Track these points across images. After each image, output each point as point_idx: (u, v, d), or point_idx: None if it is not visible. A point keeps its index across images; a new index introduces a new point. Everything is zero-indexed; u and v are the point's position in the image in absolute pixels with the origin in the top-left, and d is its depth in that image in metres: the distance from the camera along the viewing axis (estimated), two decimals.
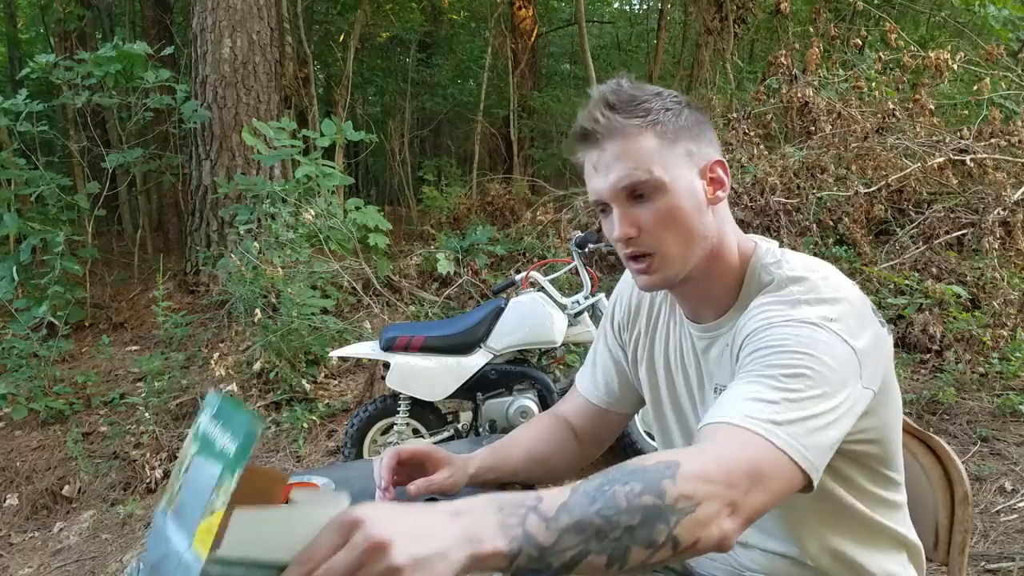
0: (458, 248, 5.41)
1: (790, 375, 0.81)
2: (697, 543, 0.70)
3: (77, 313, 5.09)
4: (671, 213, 0.93)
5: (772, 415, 0.78)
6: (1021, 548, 2.38)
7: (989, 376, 3.58)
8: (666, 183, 0.93)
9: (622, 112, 0.93)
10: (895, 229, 4.63)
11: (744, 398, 0.80)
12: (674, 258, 0.95)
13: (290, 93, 7.09)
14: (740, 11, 6.95)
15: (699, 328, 1.05)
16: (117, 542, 3.10)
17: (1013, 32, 6.14)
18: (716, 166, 0.98)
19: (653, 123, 0.93)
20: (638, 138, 0.93)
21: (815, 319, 0.86)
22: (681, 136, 0.95)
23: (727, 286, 1.00)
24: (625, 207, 0.95)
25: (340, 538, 0.60)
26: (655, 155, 0.93)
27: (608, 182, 0.94)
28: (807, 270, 0.94)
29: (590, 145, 0.96)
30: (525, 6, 9.31)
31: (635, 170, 0.92)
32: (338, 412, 3.94)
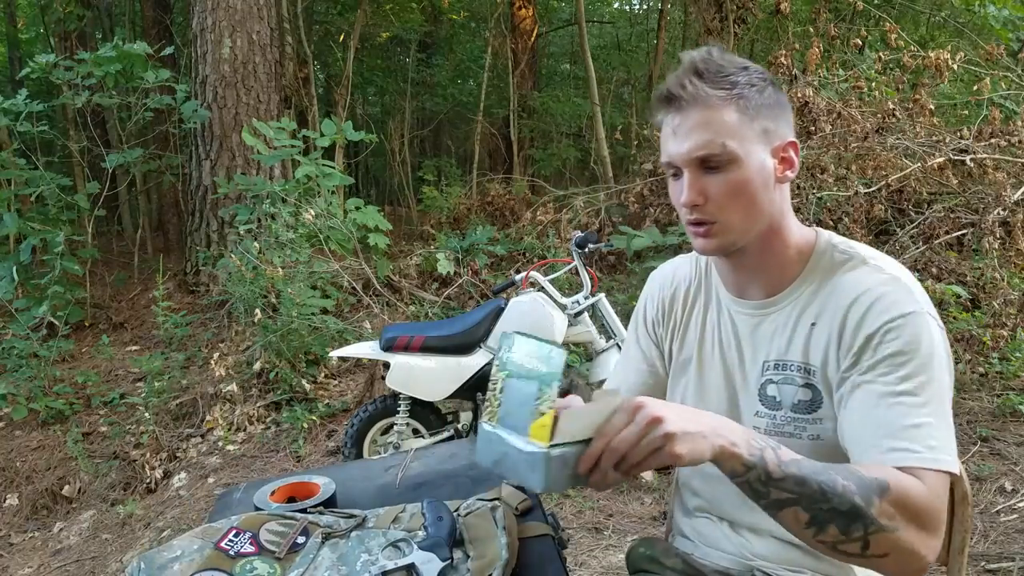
0: (458, 248, 5.41)
1: (920, 386, 0.90)
2: (887, 557, 0.83)
3: (77, 313, 5.09)
4: (739, 186, 0.97)
5: (926, 440, 0.88)
6: (1021, 548, 2.38)
7: (989, 376, 3.58)
8: (740, 157, 0.96)
9: (709, 82, 0.96)
10: (895, 229, 4.63)
11: (893, 429, 0.89)
12: (734, 229, 0.99)
13: (290, 93, 7.09)
14: (740, 11, 6.95)
15: (748, 305, 1.08)
16: (117, 542, 3.10)
17: (1013, 32, 6.14)
18: (789, 147, 1.01)
19: (737, 97, 0.96)
20: (720, 110, 0.95)
21: (925, 308, 0.94)
22: (761, 113, 0.97)
23: (784, 263, 1.04)
24: (696, 175, 0.98)
25: (628, 417, 0.81)
26: (734, 129, 0.95)
27: (684, 148, 0.97)
28: (878, 254, 1.03)
29: (672, 109, 0.98)
30: (525, 6, 9.32)
31: (712, 141, 0.95)
32: (338, 412, 3.94)
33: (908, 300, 0.94)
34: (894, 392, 0.90)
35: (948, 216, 4.53)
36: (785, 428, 1.03)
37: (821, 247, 1.04)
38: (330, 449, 3.61)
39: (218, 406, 3.95)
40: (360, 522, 1.09)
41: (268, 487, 1.21)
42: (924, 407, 0.89)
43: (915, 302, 0.94)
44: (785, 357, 1.03)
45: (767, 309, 1.06)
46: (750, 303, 1.08)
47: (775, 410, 1.04)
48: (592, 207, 5.81)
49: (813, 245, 1.05)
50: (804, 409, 1.02)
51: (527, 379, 0.87)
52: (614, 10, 12.69)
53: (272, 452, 3.64)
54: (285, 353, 4.09)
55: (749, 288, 1.08)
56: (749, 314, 1.08)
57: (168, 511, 3.23)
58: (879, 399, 0.91)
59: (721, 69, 0.97)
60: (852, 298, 0.97)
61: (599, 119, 7.49)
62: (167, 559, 0.98)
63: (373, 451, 3.08)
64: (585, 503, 2.91)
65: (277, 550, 1.00)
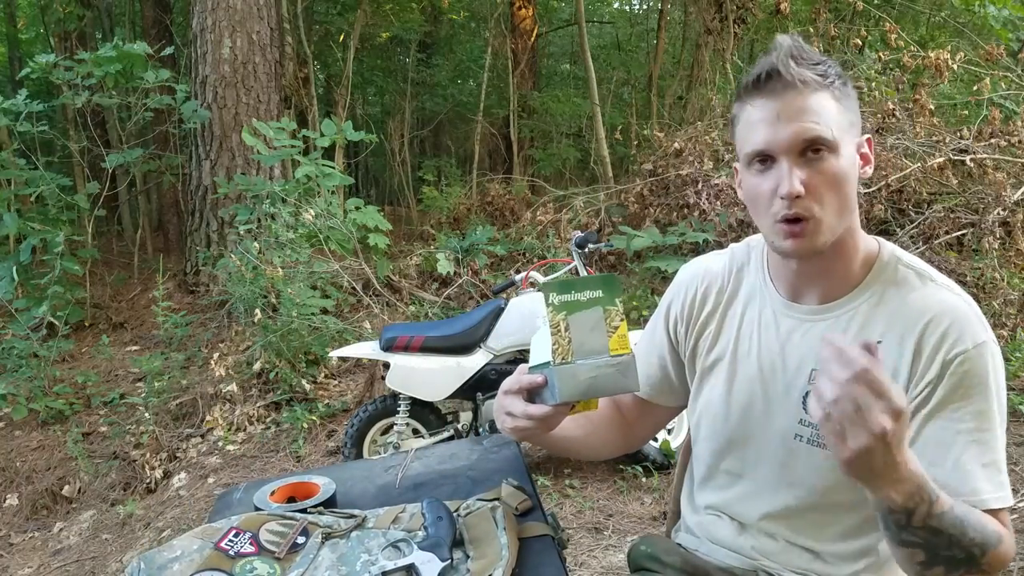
0: (458, 248, 5.41)
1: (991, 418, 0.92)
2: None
3: (77, 313, 5.09)
4: (838, 177, 0.93)
5: (998, 476, 0.91)
6: (1021, 548, 2.38)
7: None
8: (839, 146, 0.93)
9: (809, 68, 0.93)
10: (895, 229, 4.63)
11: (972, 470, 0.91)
12: (828, 226, 0.94)
13: (290, 93, 7.09)
14: (740, 11, 6.96)
15: (800, 310, 1.04)
16: (117, 542, 3.10)
17: (1013, 32, 6.14)
18: (866, 142, 0.99)
19: (831, 86, 0.93)
20: (821, 96, 0.93)
21: (991, 337, 0.94)
22: (849, 105, 0.96)
23: (849, 269, 1.01)
24: (798, 163, 0.93)
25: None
26: (834, 116, 0.93)
27: (787, 133, 0.92)
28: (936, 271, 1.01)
29: (765, 94, 0.94)
30: (525, 6, 9.32)
31: (818, 125, 0.91)
32: (338, 412, 3.94)
33: (980, 328, 0.93)
34: (970, 428, 0.91)
35: (948, 216, 4.53)
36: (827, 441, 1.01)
37: (885, 258, 1.01)
38: (330, 449, 3.61)
39: (218, 406, 3.95)
40: (360, 522, 1.09)
41: (268, 487, 1.21)
42: (993, 440, 0.92)
43: (985, 330, 0.94)
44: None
45: (821, 315, 1.02)
46: (803, 307, 1.04)
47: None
48: (592, 207, 5.81)
49: (877, 254, 1.02)
50: None
51: (588, 308, 0.91)
52: (614, 10, 12.69)
53: (272, 452, 3.64)
54: (285, 353, 4.09)
55: (806, 292, 1.04)
56: (800, 319, 1.04)
57: (168, 511, 3.23)
58: (955, 436, 0.91)
59: (815, 57, 0.94)
60: (927, 318, 0.94)
61: (599, 119, 7.49)
62: (167, 559, 0.98)
63: (373, 451, 3.07)
64: (585, 503, 2.91)
65: (277, 550, 1.00)
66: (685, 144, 5.29)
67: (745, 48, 8.29)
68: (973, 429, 0.91)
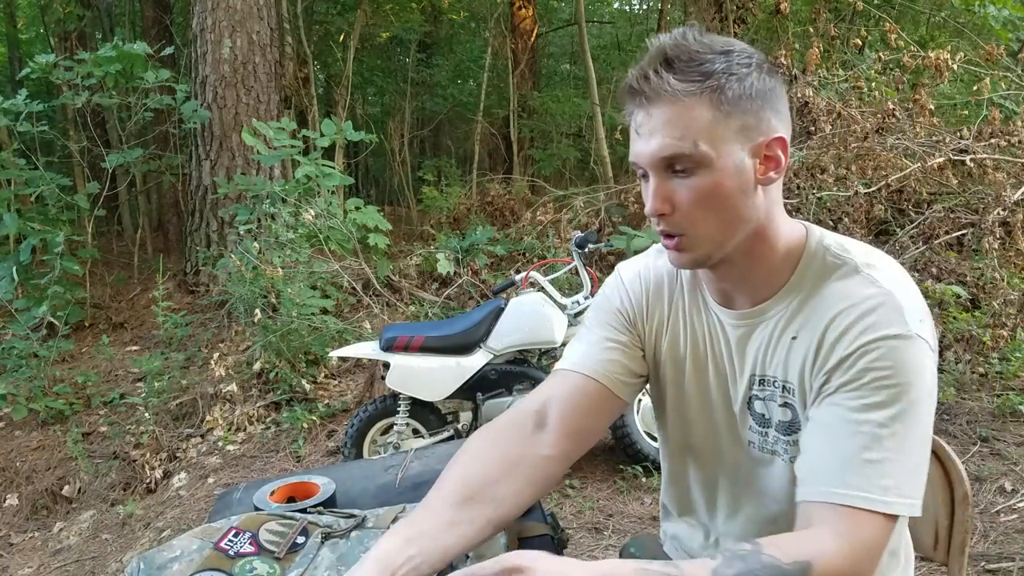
0: (458, 248, 5.41)
1: (892, 417, 0.81)
2: None
3: (77, 313, 5.09)
4: (711, 193, 0.85)
5: (880, 480, 0.80)
6: (1021, 548, 2.38)
7: (989, 376, 3.58)
8: (712, 159, 0.84)
9: (678, 72, 0.83)
10: (895, 229, 4.63)
11: (850, 462, 0.81)
12: (707, 241, 0.89)
13: (290, 93, 7.09)
14: (740, 11, 6.95)
15: (734, 315, 0.98)
16: (117, 542, 3.10)
17: (1013, 32, 6.14)
18: (775, 143, 0.87)
19: (711, 89, 0.83)
20: (690, 105, 0.83)
21: (912, 330, 0.83)
22: (740, 107, 0.84)
23: (772, 270, 0.93)
24: (662, 179, 0.87)
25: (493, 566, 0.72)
26: (705, 127, 0.83)
27: (649, 148, 0.86)
28: (876, 256, 0.91)
29: (635, 103, 0.87)
30: (525, 6, 9.32)
31: (680, 140, 0.84)
32: (338, 412, 3.94)
33: (896, 320, 0.83)
34: (859, 420, 0.82)
35: (948, 216, 4.53)
36: (776, 447, 0.96)
37: (812, 250, 0.93)
38: (330, 449, 3.61)
39: (218, 406, 3.95)
40: (360, 522, 1.09)
41: (268, 487, 1.21)
42: (889, 439, 0.80)
43: (904, 323, 0.83)
44: (767, 372, 0.94)
45: (755, 319, 0.95)
46: (737, 312, 0.97)
47: (765, 427, 0.97)
48: (592, 207, 5.81)
49: (803, 248, 0.93)
50: (785, 430, 0.94)
51: None
52: (614, 10, 12.69)
53: (272, 452, 3.64)
54: (285, 353, 4.09)
55: (735, 297, 0.98)
56: (735, 324, 0.98)
57: (168, 511, 3.23)
58: (842, 424, 0.83)
59: (694, 56, 0.84)
60: (835, 312, 0.87)
61: (599, 119, 7.49)
62: (166, 559, 0.98)
63: (373, 451, 3.08)
64: (585, 503, 2.91)
65: (276, 550, 1.00)
66: None
67: None
68: (866, 421, 0.81)
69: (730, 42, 0.86)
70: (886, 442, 0.80)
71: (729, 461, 1.04)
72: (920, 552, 1.12)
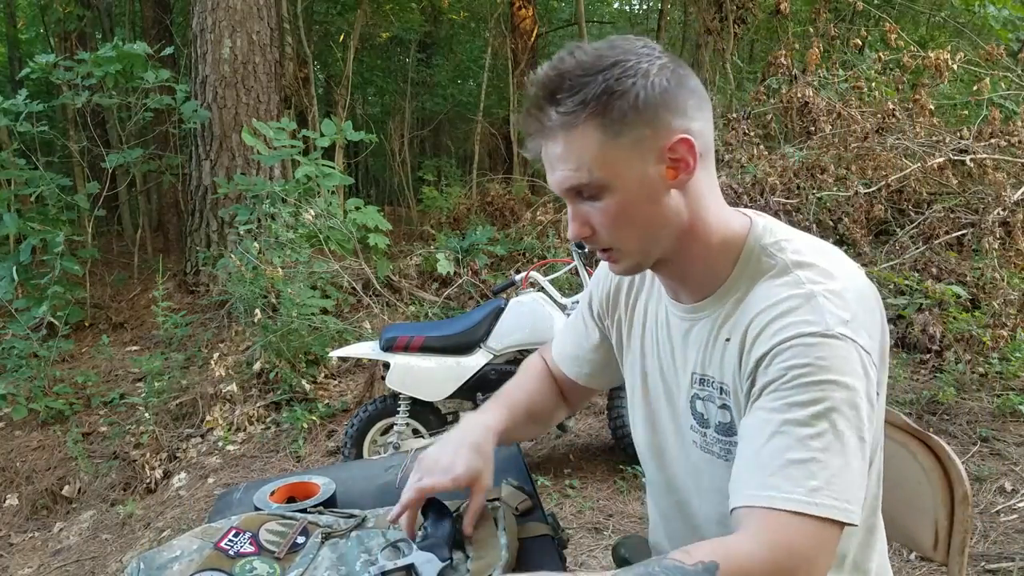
0: (458, 248, 5.41)
1: (814, 415, 0.77)
2: None
3: (77, 313, 5.09)
4: (620, 212, 0.87)
5: (806, 481, 0.75)
6: (1021, 548, 2.38)
7: (989, 376, 3.58)
8: (609, 182, 0.85)
9: (560, 104, 0.83)
10: (895, 229, 4.63)
11: (772, 462, 0.77)
12: (632, 252, 0.91)
13: (290, 93, 7.09)
14: (740, 11, 6.95)
15: (679, 308, 0.99)
16: (117, 542, 3.10)
17: (1013, 32, 6.14)
18: (678, 145, 0.85)
19: (594, 114, 0.82)
20: (579, 134, 0.83)
21: (833, 328, 0.80)
22: (629, 121, 0.83)
23: (710, 266, 0.93)
24: (576, 205, 0.89)
25: None
26: (596, 153, 0.83)
27: (555, 180, 0.88)
28: (815, 253, 0.89)
29: (533, 140, 0.89)
30: (525, 6, 9.31)
31: (576, 171, 0.85)
32: (338, 412, 3.94)
33: (814, 320, 0.80)
34: (781, 420, 0.78)
35: (948, 216, 4.53)
36: (714, 448, 0.95)
37: (749, 248, 0.91)
38: (330, 449, 3.61)
39: (218, 406, 3.95)
40: (360, 522, 1.09)
41: (268, 487, 1.21)
42: (815, 439, 0.76)
43: (823, 322, 0.80)
44: (707, 372, 0.94)
45: (697, 314, 0.96)
46: (682, 306, 0.98)
47: (704, 427, 0.96)
48: None
49: (743, 244, 0.92)
50: (724, 431, 0.93)
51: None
52: (614, 10, 12.70)
53: (272, 452, 3.64)
54: (285, 353, 4.09)
55: (680, 292, 0.99)
56: (681, 318, 0.98)
57: (168, 511, 3.23)
58: (764, 425, 0.79)
59: (574, 83, 0.82)
60: (754, 314, 0.86)
61: None
62: (166, 559, 0.98)
63: (373, 451, 3.07)
64: (585, 503, 2.91)
65: (277, 550, 1.00)
66: None
67: (745, 48, 8.29)
68: (788, 420, 0.78)
69: (614, 54, 0.84)
70: (812, 442, 0.76)
71: (681, 459, 1.03)
72: (920, 552, 1.12)
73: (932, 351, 3.82)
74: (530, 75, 0.87)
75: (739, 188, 4.62)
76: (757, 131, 5.29)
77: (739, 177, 4.72)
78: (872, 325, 0.85)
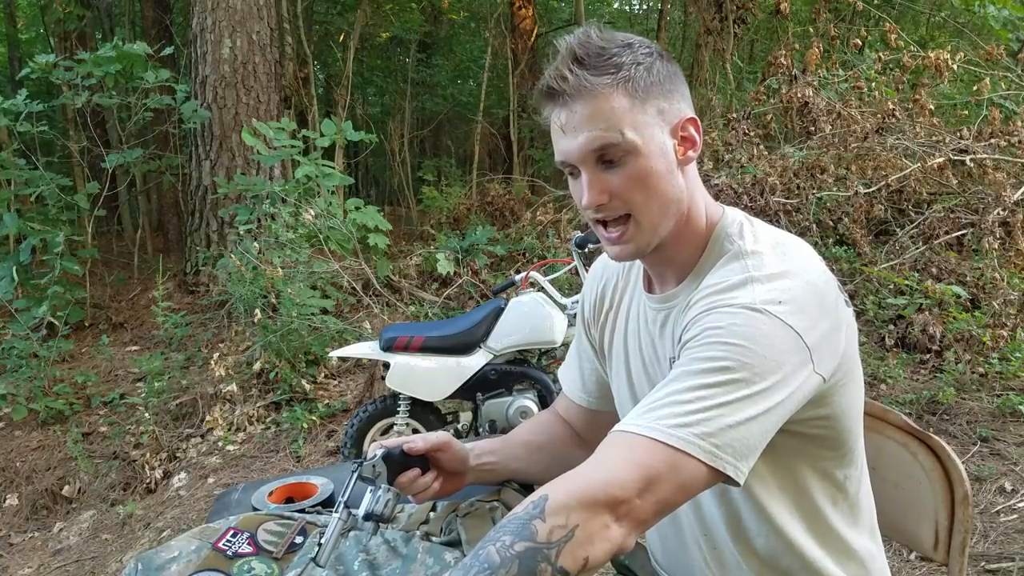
0: (458, 248, 5.41)
1: (713, 369, 0.78)
2: (587, 562, 0.71)
3: (77, 313, 5.09)
4: (644, 177, 0.89)
5: (678, 418, 0.76)
6: (1021, 548, 2.38)
7: (989, 376, 3.58)
8: (638, 145, 0.88)
9: (591, 68, 0.87)
10: (895, 229, 4.63)
11: (659, 403, 0.78)
12: (647, 225, 0.91)
13: (290, 93, 7.09)
14: (740, 11, 6.95)
15: (654, 300, 1.00)
16: (117, 542, 3.10)
17: (1013, 32, 6.14)
18: (688, 124, 0.91)
19: (624, 80, 0.87)
20: (609, 97, 0.87)
21: (758, 303, 0.81)
22: (653, 92, 0.89)
23: (690, 253, 0.96)
24: (595, 171, 0.90)
25: None
26: (626, 115, 0.87)
27: (577, 144, 0.89)
28: (769, 243, 0.91)
29: (558, 104, 0.90)
30: (525, 6, 9.31)
31: (606, 131, 0.87)
32: (338, 412, 3.94)
33: (744, 295, 0.83)
34: (680, 371, 0.80)
35: (948, 216, 4.53)
36: None
37: (715, 235, 0.95)
38: (330, 449, 3.61)
39: (218, 406, 3.95)
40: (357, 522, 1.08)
41: (266, 488, 1.21)
42: (704, 389, 0.77)
43: (751, 299, 0.82)
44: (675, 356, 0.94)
45: (670, 303, 0.97)
46: (656, 297, 1.00)
47: None
48: None
49: (712, 233, 0.95)
50: None
51: None
52: (614, 10, 12.70)
53: (272, 452, 3.64)
54: (285, 353, 4.09)
55: (657, 282, 1.01)
56: (656, 309, 1.00)
57: (168, 511, 3.23)
58: (674, 376, 0.81)
59: (602, 51, 0.88)
60: (702, 294, 0.88)
61: None
62: (165, 560, 0.98)
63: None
64: None
65: (275, 550, 1.00)
66: None
67: (745, 48, 8.29)
68: (684, 373, 0.79)
69: (628, 36, 0.91)
70: (698, 391, 0.77)
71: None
72: (920, 552, 1.12)
73: (932, 351, 3.82)
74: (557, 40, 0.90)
75: (739, 188, 4.62)
76: (757, 131, 5.29)
77: (739, 177, 4.72)
78: (820, 316, 0.84)
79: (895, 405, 3.30)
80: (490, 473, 1.14)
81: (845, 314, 0.89)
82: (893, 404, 3.33)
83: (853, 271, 4.34)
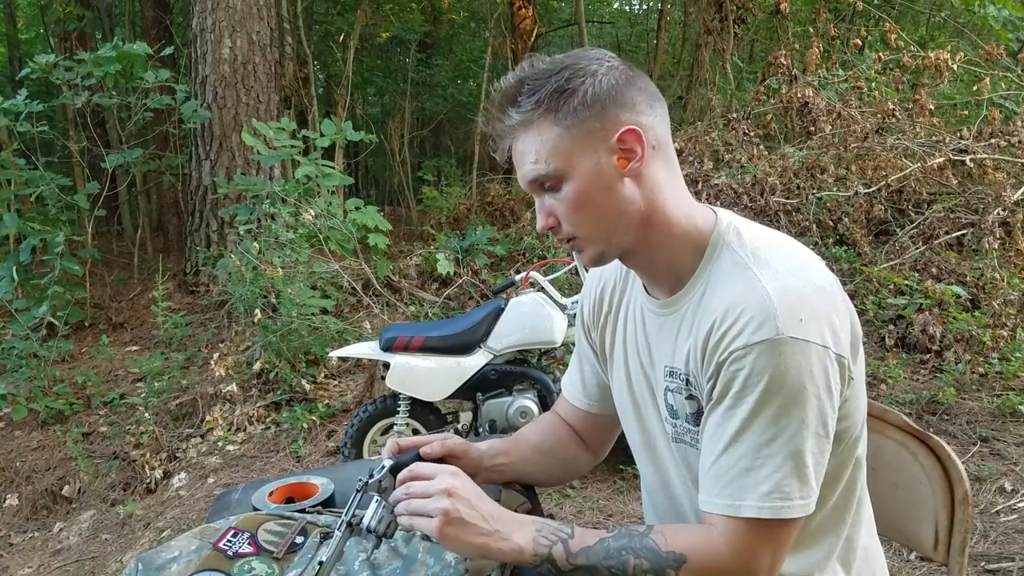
0: (458, 248, 5.40)
1: (768, 421, 0.85)
2: None
3: (77, 313, 5.09)
4: (579, 200, 0.92)
5: (758, 486, 0.85)
6: (1021, 548, 2.38)
7: (989, 376, 3.58)
8: (565, 172, 0.91)
9: (519, 106, 0.92)
10: (895, 229, 4.63)
11: (729, 472, 0.87)
12: (594, 240, 0.95)
13: (290, 93, 7.09)
14: (740, 11, 6.95)
15: (655, 305, 1.02)
16: (117, 542, 3.10)
17: (1013, 32, 6.14)
18: (627, 135, 0.91)
19: (547, 110, 0.91)
20: (536, 130, 0.92)
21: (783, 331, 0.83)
22: (580, 115, 0.90)
23: (675, 258, 0.97)
24: (541, 199, 0.96)
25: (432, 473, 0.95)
26: (552, 145, 0.91)
27: (521, 176, 0.96)
28: (773, 248, 0.93)
29: (502, 143, 0.97)
30: (525, 6, 9.31)
31: (535, 164, 0.93)
32: (338, 412, 3.94)
33: (766, 325, 0.84)
34: (734, 431, 0.86)
35: (948, 216, 4.53)
36: (684, 438, 0.99)
37: (714, 242, 0.95)
38: (330, 449, 3.61)
39: (218, 406, 3.95)
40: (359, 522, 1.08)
41: (267, 488, 1.21)
42: (766, 446, 0.84)
43: (774, 327, 0.83)
44: (674, 364, 0.98)
45: (668, 309, 0.99)
46: (656, 302, 1.02)
47: (675, 419, 1.00)
48: None
49: (708, 237, 0.96)
50: (693, 420, 0.97)
51: None
52: (614, 10, 12.69)
53: (272, 452, 3.64)
54: (285, 353, 4.09)
55: (656, 286, 1.02)
56: (655, 313, 1.02)
57: (168, 511, 3.23)
58: (720, 434, 0.88)
59: (530, 86, 0.91)
60: (719, 315, 0.89)
61: None
62: (165, 560, 0.98)
63: (373, 451, 3.07)
64: (585, 503, 2.91)
65: (275, 550, 1.00)
66: (685, 144, 5.29)
67: (745, 48, 8.29)
68: (737, 431, 0.86)
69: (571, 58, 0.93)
70: (764, 448, 0.85)
71: (665, 454, 1.05)
72: (920, 552, 1.12)
73: (932, 351, 3.82)
74: (491, 91, 0.96)
75: (739, 188, 4.62)
76: (757, 131, 5.28)
77: (739, 177, 4.72)
78: (832, 317, 0.88)
79: (895, 405, 3.30)
80: (499, 474, 1.16)
81: (850, 309, 0.93)
82: (893, 404, 3.33)
83: (853, 271, 4.34)
